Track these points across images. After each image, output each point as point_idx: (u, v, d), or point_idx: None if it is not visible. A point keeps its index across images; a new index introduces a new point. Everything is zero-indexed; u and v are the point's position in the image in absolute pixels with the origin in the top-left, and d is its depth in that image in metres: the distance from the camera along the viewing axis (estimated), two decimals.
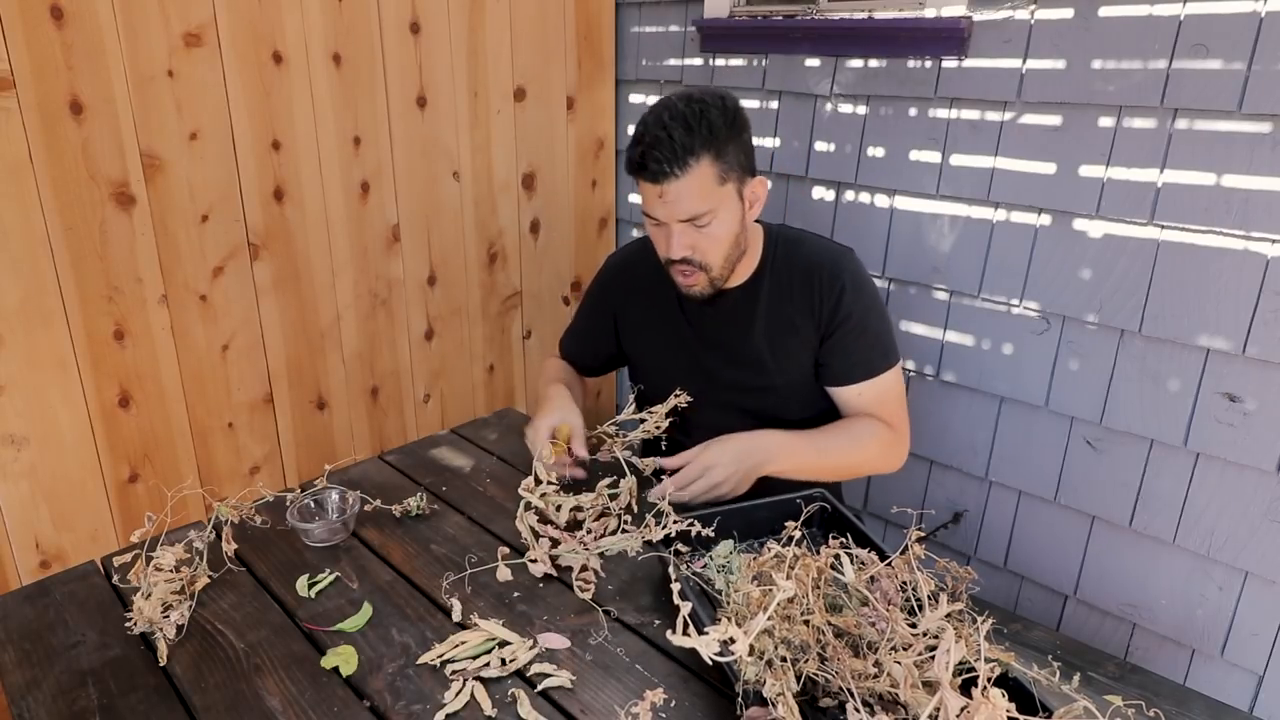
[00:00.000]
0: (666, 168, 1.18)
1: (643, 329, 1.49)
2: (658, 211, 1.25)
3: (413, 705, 0.88)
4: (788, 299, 1.36)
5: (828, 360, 1.36)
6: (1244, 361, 1.44)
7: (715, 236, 1.26)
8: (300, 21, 1.69)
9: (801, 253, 1.38)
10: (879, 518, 2.06)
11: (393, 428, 2.07)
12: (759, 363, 1.38)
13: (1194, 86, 1.41)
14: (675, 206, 1.22)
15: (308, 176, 1.77)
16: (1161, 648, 1.64)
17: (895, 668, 0.78)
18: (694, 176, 1.19)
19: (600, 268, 1.58)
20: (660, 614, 1.03)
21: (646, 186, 1.23)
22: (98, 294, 1.52)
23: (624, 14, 2.33)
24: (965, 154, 1.71)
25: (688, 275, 1.29)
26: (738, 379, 1.40)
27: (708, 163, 1.20)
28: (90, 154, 1.47)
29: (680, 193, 1.20)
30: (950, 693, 0.70)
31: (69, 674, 0.93)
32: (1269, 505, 1.46)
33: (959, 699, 0.70)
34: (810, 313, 1.35)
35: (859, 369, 1.35)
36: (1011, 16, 1.60)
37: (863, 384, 1.35)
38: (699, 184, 1.20)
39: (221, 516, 1.15)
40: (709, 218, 1.23)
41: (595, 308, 1.56)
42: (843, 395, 1.37)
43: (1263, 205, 1.38)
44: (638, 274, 1.48)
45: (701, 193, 1.21)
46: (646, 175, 1.21)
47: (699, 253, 1.27)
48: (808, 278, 1.35)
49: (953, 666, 0.73)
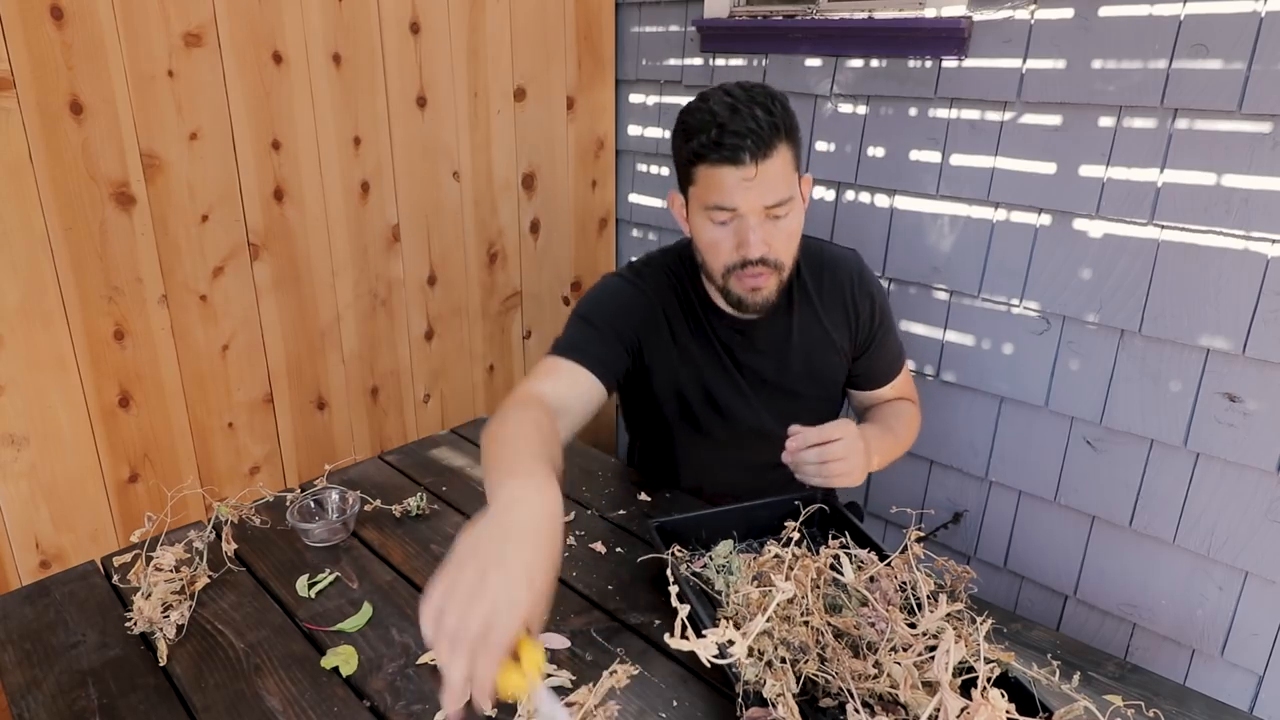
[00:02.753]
0: (754, 145, 1.07)
1: (669, 357, 1.29)
2: (738, 198, 1.10)
3: (413, 705, 0.88)
4: (819, 312, 1.32)
5: (865, 367, 1.38)
6: (1244, 361, 1.44)
7: (790, 231, 1.16)
8: (300, 21, 1.69)
9: (821, 262, 1.33)
10: (879, 518, 2.05)
11: (393, 428, 2.07)
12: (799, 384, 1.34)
13: (1194, 86, 1.41)
14: (763, 191, 1.10)
15: (308, 176, 1.77)
16: (1161, 648, 1.64)
17: (895, 668, 0.78)
18: (779, 158, 1.10)
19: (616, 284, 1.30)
20: (660, 614, 1.03)
21: (724, 172, 1.09)
22: (98, 294, 1.52)
23: (624, 14, 2.33)
24: (965, 154, 1.71)
25: (758, 278, 1.16)
26: (777, 402, 1.33)
27: (786, 147, 1.11)
28: (90, 154, 1.47)
29: (768, 175, 1.09)
30: (950, 694, 0.70)
31: (69, 674, 0.93)
32: (1269, 505, 1.46)
33: (959, 700, 0.70)
34: (846, 324, 1.33)
35: (892, 368, 1.40)
36: (1011, 16, 1.60)
37: (895, 380, 1.41)
38: (783, 167, 1.11)
39: (221, 516, 1.15)
40: (789, 207, 1.13)
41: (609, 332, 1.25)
42: (874, 395, 1.41)
43: (1263, 205, 1.38)
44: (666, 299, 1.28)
45: (786, 176, 1.11)
46: (725, 157, 1.08)
47: (774, 250, 1.14)
48: (836, 288, 1.31)
49: (952, 667, 0.73)
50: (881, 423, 1.34)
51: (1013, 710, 0.69)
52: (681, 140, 1.15)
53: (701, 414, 1.32)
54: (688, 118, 1.14)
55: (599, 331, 1.24)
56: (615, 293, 1.29)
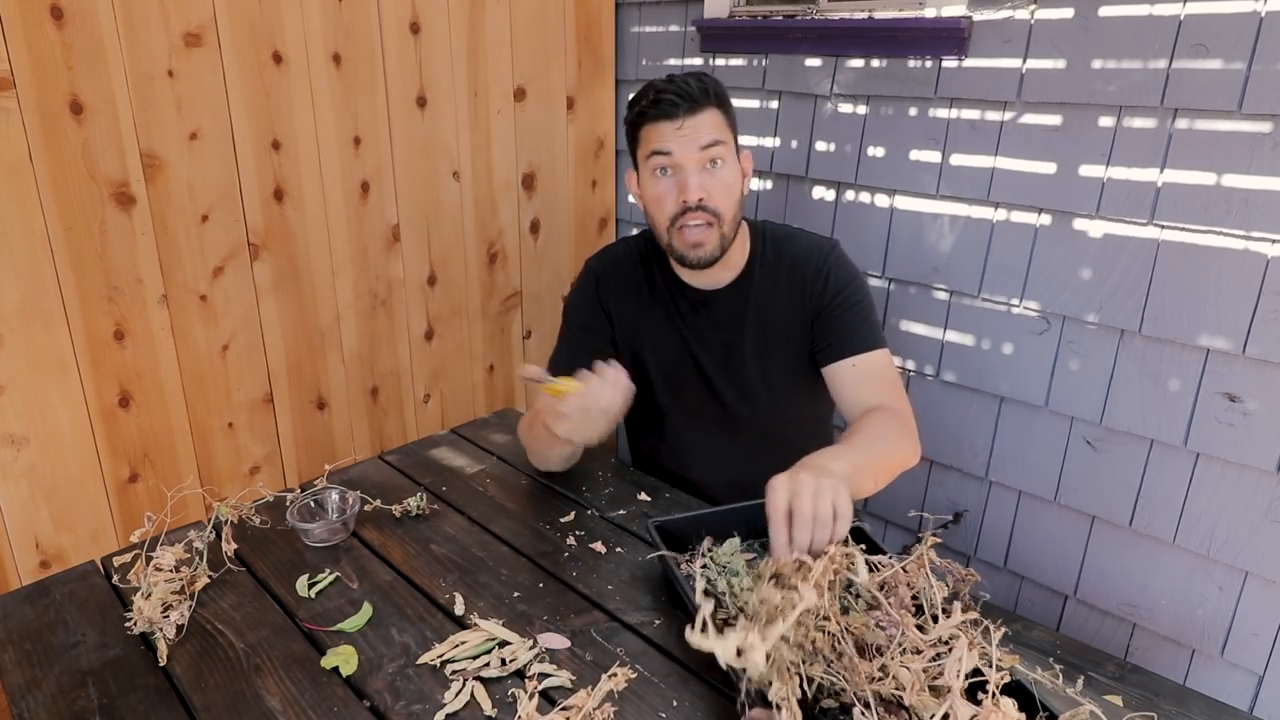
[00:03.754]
0: (683, 102, 1.23)
1: (639, 329, 1.44)
2: (673, 145, 1.25)
3: (413, 705, 0.88)
4: (780, 291, 1.36)
5: (822, 336, 1.34)
6: (1244, 361, 1.44)
7: (726, 183, 1.27)
8: (300, 21, 1.69)
9: (790, 246, 1.39)
10: (879, 518, 2.06)
11: (393, 428, 2.07)
12: (757, 360, 1.38)
13: (1194, 86, 1.41)
14: (695, 135, 1.24)
15: (308, 176, 1.77)
16: (1162, 648, 1.64)
17: (903, 672, 0.77)
18: (709, 115, 1.25)
19: (581, 275, 1.49)
20: (660, 614, 1.03)
21: (661, 126, 1.25)
22: (98, 294, 1.52)
23: (624, 14, 2.33)
24: (965, 154, 1.71)
25: (698, 230, 1.27)
26: (737, 379, 1.40)
27: (716, 110, 1.27)
28: (90, 154, 1.47)
29: (699, 124, 1.24)
30: (960, 700, 0.70)
31: (69, 674, 0.93)
32: (1269, 505, 1.46)
33: (969, 707, 0.69)
34: (802, 298, 1.35)
35: (851, 342, 1.31)
36: (1011, 16, 1.60)
37: (856, 356, 1.31)
38: (714, 120, 1.26)
39: (221, 516, 1.15)
40: (723, 152, 1.26)
41: (588, 311, 1.45)
42: (840, 372, 1.32)
43: (1263, 205, 1.37)
44: (625, 275, 1.45)
45: (716, 127, 1.26)
46: (661, 114, 1.24)
47: (712, 198, 1.26)
48: (797, 267, 1.36)
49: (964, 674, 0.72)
50: (848, 440, 1.20)
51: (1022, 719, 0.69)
52: (628, 113, 1.31)
53: (657, 381, 1.43)
54: (638, 92, 1.30)
55: (579, 345, 1.41)
56: (584, 287, 1.47)
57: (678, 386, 1.43)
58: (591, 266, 1.49)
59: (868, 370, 1.31)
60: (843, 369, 1.32)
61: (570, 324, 1.46)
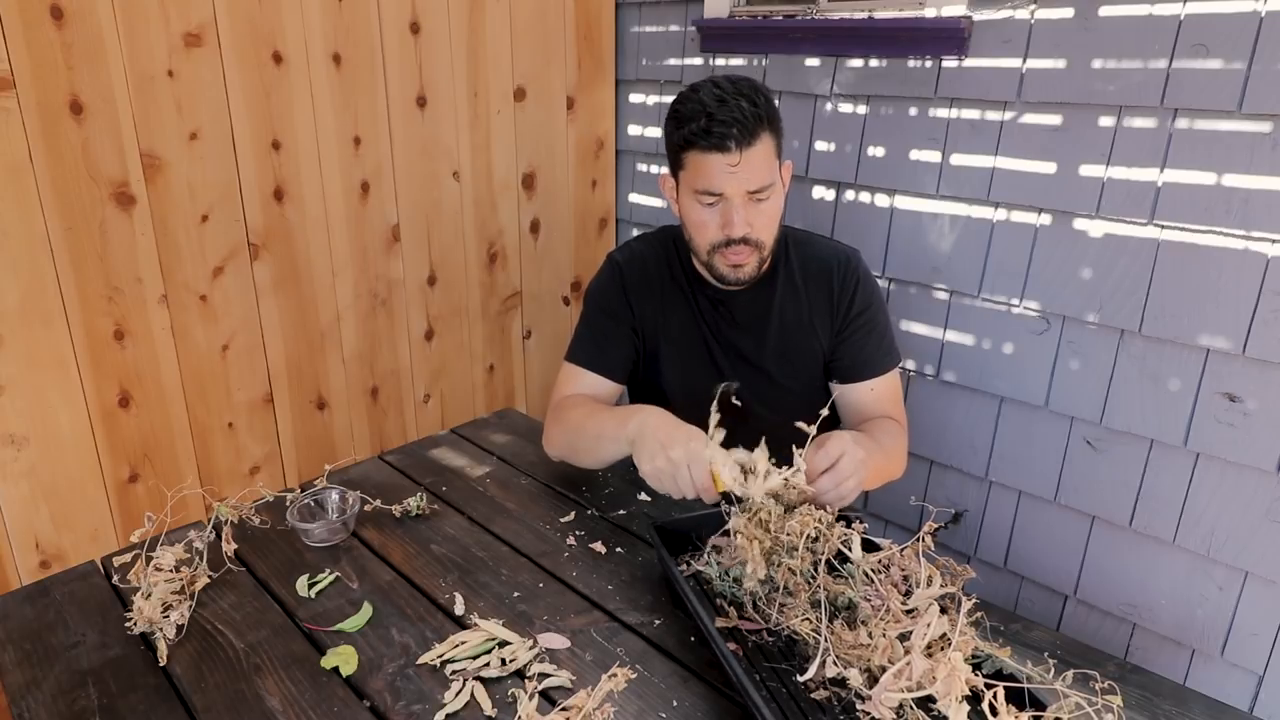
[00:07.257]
0: (739, 133, 1.17)
1: (659, 324, 1.41)
2: (725, 183, 1.21)
3: (413, 705, 0.88)
4: (801, 296, 1.37)
5: (842, 355, 1.37)
6: (1244, 361, 1.44)
7: (770, 213, 1.25)
8: (300, 21, 1.69)
9: (812, 251, 1.39)
10: (879, 518, 2.06)
11: (393, 428, 2.07)
12: (773, 362, 1.38)
13: (1194, 86, 1.41)
14: (747, 176, 1.20)
15: (308, 176, 1.77)
16: (1161, 648, 1.64)
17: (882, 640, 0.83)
18: (763, 146, 1.20)
19: (605, 266, 1.45)
20: (660, 614, 1.03)
21: (712, 159, 1.19)
22: (98, 294, 1.52)
23: (624, 14, 2.33)
24: (965, 154, 1.71)
25: (740, 255, 1.26)
26: (752, 379, 1.38)
27: (769, 135, 1.21)
28: (90, 154, 1.47)
29: (753, 161, 1.19)
30: (919, 656, 0.76)
31: (69, 674, 0.93)
32: (1269, 505, 1.46)
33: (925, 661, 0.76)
34: (828, 308, 1.36)
35: (872, 365, 1.37)
36: (1011, 16, 1.60)
37: (875, 380, 1.37)
38: (766, 154, 1.21)
39: (221, 516, 1.15)
40: (770, 191, 1.23)
41: (613, 306, 1.41)
42: (855, 392, 1.38)
43: (1263, 205, 1.37)
44: (649, 271, 1.42)
45: (768, 163, 1.22)
46: (713, 145, 1.18)
47: (755, 230, 1.24)
48: (822, 274, 1.36)
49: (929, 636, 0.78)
50: (871, 436, 1.27)
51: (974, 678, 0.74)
52: (673, 126, 1.25)
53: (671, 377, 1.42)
54: (679, 106, 1.24)
55: (604, 332, 1.40)
56: (610, 277, 1.43)
57: (691, 382, 1.42)
58: (615, 259, 1.45)
59: (882, 393, 1.38)
60: (859, 390, 1.38)
61: (595, 310, 1.43)
